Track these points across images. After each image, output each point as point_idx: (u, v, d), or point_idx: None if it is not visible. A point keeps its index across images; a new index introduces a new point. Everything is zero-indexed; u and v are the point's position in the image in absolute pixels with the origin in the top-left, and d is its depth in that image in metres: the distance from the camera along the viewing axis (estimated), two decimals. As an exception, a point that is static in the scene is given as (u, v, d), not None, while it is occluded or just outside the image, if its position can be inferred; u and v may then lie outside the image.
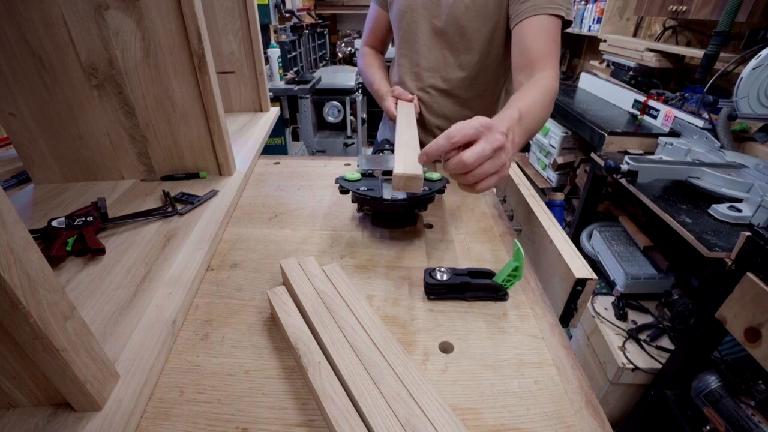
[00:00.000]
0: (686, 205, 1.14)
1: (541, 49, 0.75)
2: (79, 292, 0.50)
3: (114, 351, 0.43)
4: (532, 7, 0.76)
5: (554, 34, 0.76)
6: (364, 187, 0.65)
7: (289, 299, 0.50)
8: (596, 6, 2.46)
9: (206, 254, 0.59)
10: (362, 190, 0.64)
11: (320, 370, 0.40)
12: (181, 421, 0.39)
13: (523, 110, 0.60)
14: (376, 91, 0.98)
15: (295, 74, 2.80)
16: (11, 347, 0.33)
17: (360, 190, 0.64)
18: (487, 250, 0.66)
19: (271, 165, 0.96)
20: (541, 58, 0.75)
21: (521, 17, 0.77)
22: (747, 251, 0.84)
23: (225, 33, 1.04)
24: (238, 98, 1.16)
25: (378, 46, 1.08)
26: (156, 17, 0.64)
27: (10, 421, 0.36)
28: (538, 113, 0.66)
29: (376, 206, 0.65)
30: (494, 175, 0.49)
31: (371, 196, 0.63)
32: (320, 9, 4.28)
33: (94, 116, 0.71)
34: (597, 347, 1.39)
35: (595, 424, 0.40)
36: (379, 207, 0.64)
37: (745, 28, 1.47)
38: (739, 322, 0.85)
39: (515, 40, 0.80)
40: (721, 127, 1.40)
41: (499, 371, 0.45)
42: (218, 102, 0.73)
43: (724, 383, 1.01)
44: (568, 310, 0.58)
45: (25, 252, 0.29)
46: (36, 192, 0.74)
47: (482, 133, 0.49)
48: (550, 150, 2.26)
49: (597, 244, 1.70)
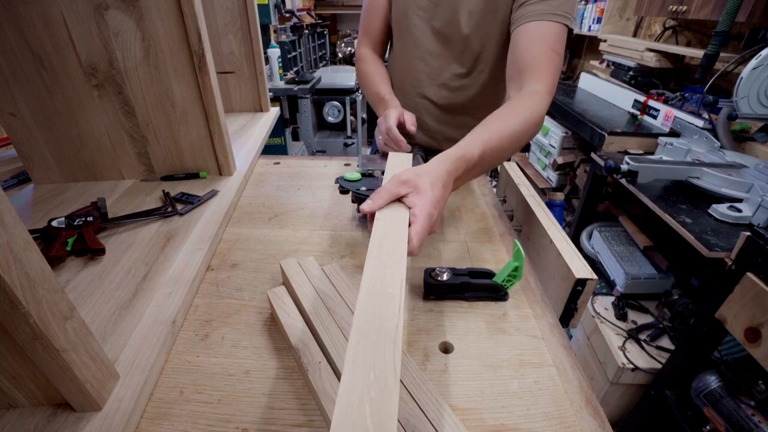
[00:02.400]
0: (686, 205, 1.14)
1: (533, 59, 0.69)
2: (79, 292, 0.50)
3: (114, 351, 0.43)
4: (530, 13, 0.71)
5: (552, 42, 0.69)
6: (365, 188, 0.65)
7: (289, 299, 0.50)
8: (596, 6, 2.46)
9: (206, 254, 0.59)
10: (363, 191, 0.64)
11: (320, 370, 0.40)
12: (181, 422, 0.39)
13: (487, 150, 0.55)
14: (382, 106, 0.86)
15: (295, 74, 2.80)
16: (11, 347, 0.33)
17: (360, 190, 0.64)
18: (487, 250, 0.66)
19: (271, 165, 0.96)
20: (532, 68, 0.68)
21: (519, 23, 0.73)
22: (747, 251, 0.84)
23: (225, 33, 1.04)
24: (238, 98, 1.16)
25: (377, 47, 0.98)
26: (156, 17, 0.64)
27: (10, 421, 0.36)
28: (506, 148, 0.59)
29: None
30: None
31: None
32: (320, 9, 4.28)
33: (94, 116, 0.71)
34: (597, 347, 1.39)
35: (595, 424, 0.40)
36: None
37: (745, 28, 1.47)
38: (739, 322, 0.85)
39: (510, 47, 0.74)
40: (721, 127, 1.40)
41: (499, 371, 0.45)
42: (218, 102, 0.73)
43: (724, 383, 1.01)
44: (568, 310, 0.58)
45: (25, 252, 0.29)
46: (36, 192, 0.74)
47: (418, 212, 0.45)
48: (550, 150, 2.26)
49: (597, 244, 1.70)
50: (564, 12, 0.70)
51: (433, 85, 0.91)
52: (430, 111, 0.95)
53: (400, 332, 0.31)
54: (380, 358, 0.28)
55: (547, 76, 0.68)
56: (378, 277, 0.36)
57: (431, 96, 0.93)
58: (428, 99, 0.94)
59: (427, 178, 0.47)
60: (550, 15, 0.69)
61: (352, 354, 0.28)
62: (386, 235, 0.41)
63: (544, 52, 0.69)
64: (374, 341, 0.29)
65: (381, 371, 0.27)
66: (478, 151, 0.54)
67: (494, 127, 0.58)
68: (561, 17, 0.69)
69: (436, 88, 0.91)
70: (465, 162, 0.52)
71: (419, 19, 0.85)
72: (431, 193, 0.46)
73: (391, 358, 0.28)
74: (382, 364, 0.28)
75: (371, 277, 0.35)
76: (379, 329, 0.30)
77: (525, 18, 0.71)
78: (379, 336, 0.30)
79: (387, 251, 0.39)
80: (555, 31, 0.70)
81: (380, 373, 0.27)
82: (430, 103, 0.94)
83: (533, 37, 0.70)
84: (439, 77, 0.90)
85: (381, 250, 0.39)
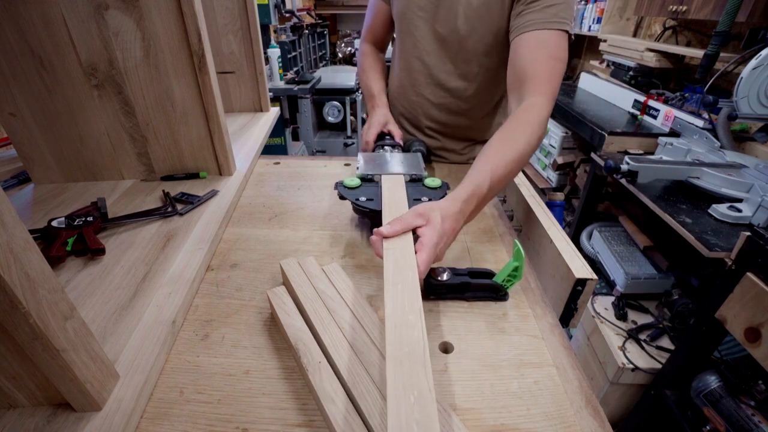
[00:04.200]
0: (686, 205, 1.14)
1: (533, 69, 0.68)
2: (79, 292, 0.50)
3: (114, 351, 0.43)
4: (528, 23, 0.70)
5: (552, 50, 0.69)
6: (364, 197, 0.64)
7: (289, 299, 0.50)
8: (596, 6, 2.46)
9: (206, 254, 0.59)
10: (362, 201, 0.63)
11: (320, 370, 0.40)
12: (181, 422, 0.39)
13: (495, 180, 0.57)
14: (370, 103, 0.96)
15: (295, 74, 2.80)
16: (11, 347, 0.33)
17: (360, 200, 0.64)
18: (487, 250, 0.66)
19: (271, 165, 0.96)
20: (533, 78, 0.68)
21: (519, 32, 0.72)
22: (747, 251, 0.84)
23: (225, 33, 1.04)
24: (238, 98, 1.16)
25: (378, 43, 1.04)
26: (156, 17, 0.64)
27: (10, 421, 0.36)
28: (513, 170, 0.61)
29: (375, 219, 0.62)
30: None
31: (371, 209, 0.62)
32: (320, 9, 4.28)
33: (94, 116, 0.71)
34: (597, 347, 1.39)
35: (595, 424, 0.40)
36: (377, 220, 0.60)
37: (745, 28, 1.47)
38: (739, 322, 0.85)
39: (510, 56, 0.74)
40: (721, 127, 1.40)
41: (499, 371, 0.45)
42: (218, 102, 0.73)
43: (724, 383, 1.01)
44: (568, 310, 0.58)
45: (25, 252, 0.29)
46: (36, 192, 0.74)
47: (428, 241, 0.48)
48: (550, 150, 2.26)
49: (597, 244, 1.70)
50: (562, 19, 0.69)
51: (430, 85, 0.92)
52: (427, 110, 0.96)
53: (427, 355, 0.34)
54: (416, 382, 0.32)
55: (548, 84, 0.68)
56: (398, 305, 0.39)
57: (428, 95, 0.93)
58: (425, 98, 0.94)
59: (440, 212, 0.50)
60: (548, 23, 0.69)
61: (392, 381, 0.32)
62: (397, 264, 0.45)
63: (544, 60, 0.68)
64: (408, 368, 0.33)
65: (419, 393, 0.31)
66: (487, 184, 0.56)
67: (500, 154, 0.60)
68: (559, 24, 0.69)
69: (433, 88, 0.92)
70: (476, 197, 0.55)
71: (419, 20, 0.86)
72: (440, 226, 0.49)
73: (425, 380, 0.32)
74: (419, 386, 0.31)
75: (393, 308, 0.39)
76: (410, 356, 0.34)
77: (524, 28, 0.71)
78: (412, 362, 0.33)
79: (401, 280, 0.42)
80: (555, 39, 0.69)
81: (419, 394, 0.31)
82: (427, 102, 0.95)
83: (532, 47, 0.70)
84: (435, 77, 0.90)
85: (396, 279, 0.42)
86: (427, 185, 0.69)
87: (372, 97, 0.96)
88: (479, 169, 0.58)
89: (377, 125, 0.88)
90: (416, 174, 0.72)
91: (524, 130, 0.63)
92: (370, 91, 0.97)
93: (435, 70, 0.89)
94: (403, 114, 1.00)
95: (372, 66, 1.01)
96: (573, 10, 0.71)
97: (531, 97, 0.67)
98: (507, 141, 0.62)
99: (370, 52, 1.03)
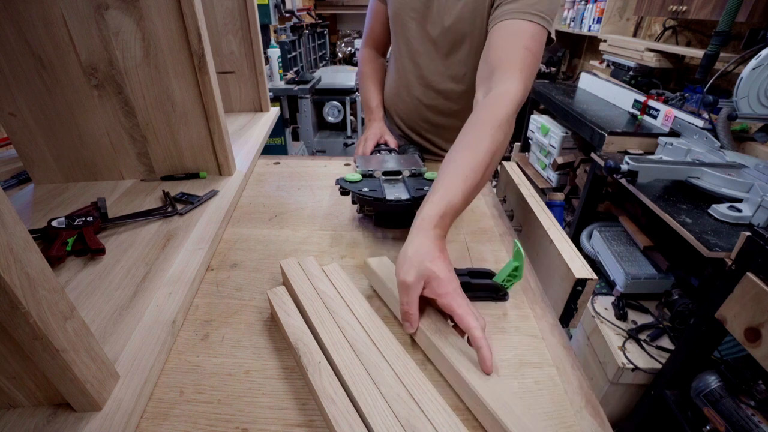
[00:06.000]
0: (686, 205, 1.14)
1: (505, 56, 0.64)
2: (79, 292, 0.50)
3: (114, 351, 0.43)
4: (503, 12, 0.68)
5: (526, 40, 0.64)
6: (366, 189, 0.65)
7: (289, 299, 0.50)
8: (596, 6, 2.46)
9: (206, 254, 0.59)
10: (365, 192, 0.64)
11: (320, 370, 0.40)
12: (181, 422, 0.39)
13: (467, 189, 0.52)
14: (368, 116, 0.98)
15: (295, 74, 2.80)
16: (11, 347, 0.33)
17: (362, 191, 0.64)
18: (487, 250, 0.66)
19: (271, 165, 0.96)
20: (503, 66, 0.63)
21: (494, 23, 0.69)
22: (747, 251, 0.84)
23: (225, 33, 1.04)
24: (238, 98, 1.16)
25: (379, 47, 1.04)
26: (156, 17, 0.64)
27: (10, 421, 0.36)
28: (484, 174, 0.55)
29: (379, 207, 0.64)
30: None
31: (374, 197, 0.62)
32: (320, 9, 4.28)
33: (94, 116, 0.71)
34: (597, 347, 1.39)
35: (595, 424, 0.40)
36: (382, 208, 0.64)
37: (745, 28, 1.47)
38: (739, 322, 0.85)
39: (484, 49, 0.69)
40: (721, 127, 1.40)
41: (499, 371, 0.45)
42: (218, 102, 0.73)
43: (724, 383, 1.01)
44: (568, 310, 0.58)
45: (25, 252, 0.29)
46: (36, 192, 0.74)
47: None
48: (550, 150, 2.26)
49: (597, 244, 1.70)
50: (539, 12, 0.65)
51: (421, 86, 0.92)
52: (420, 112, 0.96)
53: None
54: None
55: (519, 73, 0.62)
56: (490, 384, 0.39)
57: (420, 97, 0.94)
58: (418, 100, 0.94)
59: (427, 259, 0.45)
60: (524, 14, 0.65)
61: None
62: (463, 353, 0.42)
63: (517, 50, 0.64)
64: None
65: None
66: (460, 196, 0.52)
67: (466, 162, 0.54)
68: (536, 17, 0.65)
69: (424, 89, 0.92)
70: (450, 214, 0.51)
71: (411, 21, 0.85)
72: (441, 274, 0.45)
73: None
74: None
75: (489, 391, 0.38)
76: None
77: (499, 17, 0.68)
78: None
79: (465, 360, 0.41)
80: (530, 30, 0.65)
81: None
82: (420, 104, 0.95)
83: (504, 35, 0.66)
84: (426, 78, 0.90)
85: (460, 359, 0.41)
86: (428, 178, 0.70)
87: (370, 110, 0.99)
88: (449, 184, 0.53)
89: (374, 138, 0.90)
90: (415, 169, 0.73)
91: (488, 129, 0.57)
92: (368, 104, 1.00)
93: (426, 71, 0.89)
94: (399, 115, 1.01)
95: (371, 75, 1.02)
96: (554, 8, 0.67)
97: (500, 86, 0.61)
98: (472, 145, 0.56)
99: (370, 58, 1.04)
